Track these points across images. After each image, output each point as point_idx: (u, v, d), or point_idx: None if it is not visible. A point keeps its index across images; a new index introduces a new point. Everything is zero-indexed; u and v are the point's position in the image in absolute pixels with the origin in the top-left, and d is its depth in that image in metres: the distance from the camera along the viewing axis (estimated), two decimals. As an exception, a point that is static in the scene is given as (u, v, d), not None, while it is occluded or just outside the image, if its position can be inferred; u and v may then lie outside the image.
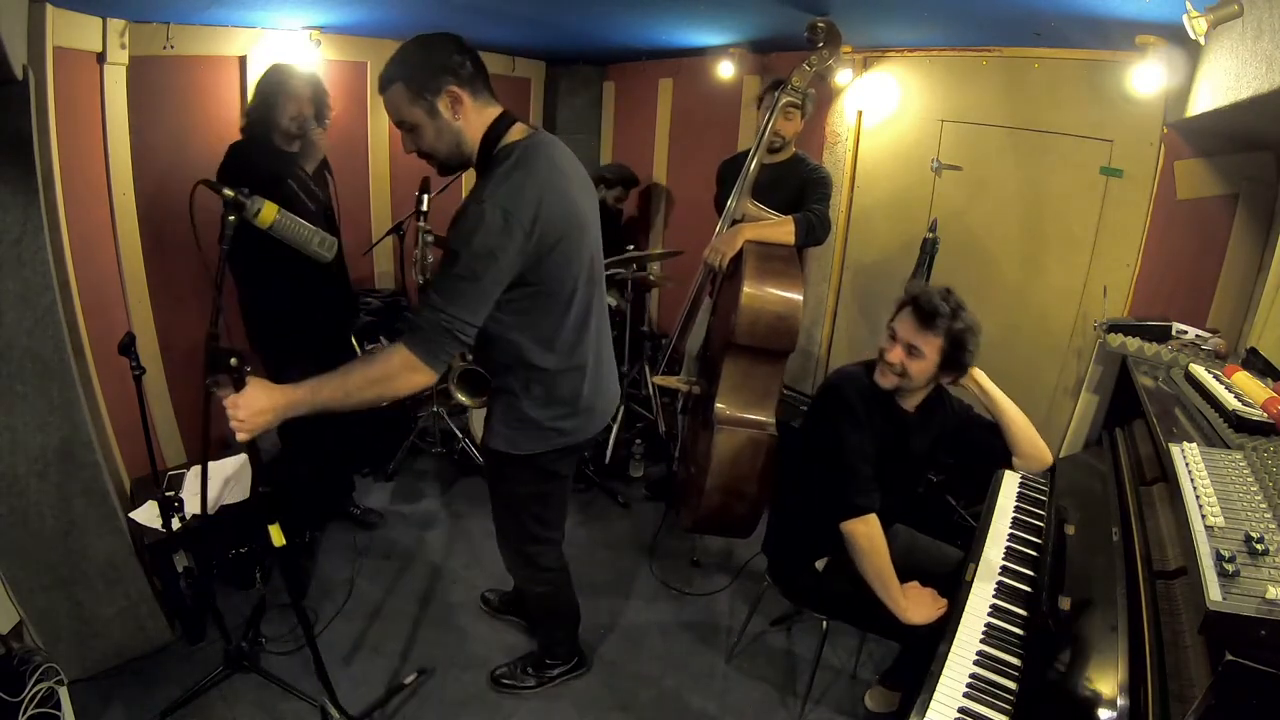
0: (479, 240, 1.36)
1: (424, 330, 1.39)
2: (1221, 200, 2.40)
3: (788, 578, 2.01)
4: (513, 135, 1.49)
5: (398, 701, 2.09)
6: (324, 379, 1.40)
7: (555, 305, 1.54)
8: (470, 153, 1.49)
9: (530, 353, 1.56)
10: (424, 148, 1.48)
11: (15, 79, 1.63)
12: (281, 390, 1.39)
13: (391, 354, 1.40)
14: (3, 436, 1.78)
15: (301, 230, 1.52)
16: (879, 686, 2.15)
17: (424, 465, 3.35)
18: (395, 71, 1.42)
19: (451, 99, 1.42)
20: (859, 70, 3.15)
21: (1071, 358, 2.73)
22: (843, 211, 3.36)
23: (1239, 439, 1.48)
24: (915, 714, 1.33)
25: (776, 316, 2.25)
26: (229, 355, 1.34)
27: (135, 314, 2.69)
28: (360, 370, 1.41)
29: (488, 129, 1.48)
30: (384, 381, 1.41)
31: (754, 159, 2.45)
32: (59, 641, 1.97)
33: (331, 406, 1.40)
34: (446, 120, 1.43)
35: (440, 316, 1.38)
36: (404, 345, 1.39)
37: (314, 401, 1.39)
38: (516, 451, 1.66)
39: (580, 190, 1.58)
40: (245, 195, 1.43)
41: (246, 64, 2.88)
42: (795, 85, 2.41)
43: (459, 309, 1.39)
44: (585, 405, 1.68)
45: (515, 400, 1.62)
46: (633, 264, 3.24)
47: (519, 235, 1.40)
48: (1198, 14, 1.38)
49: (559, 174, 1.51)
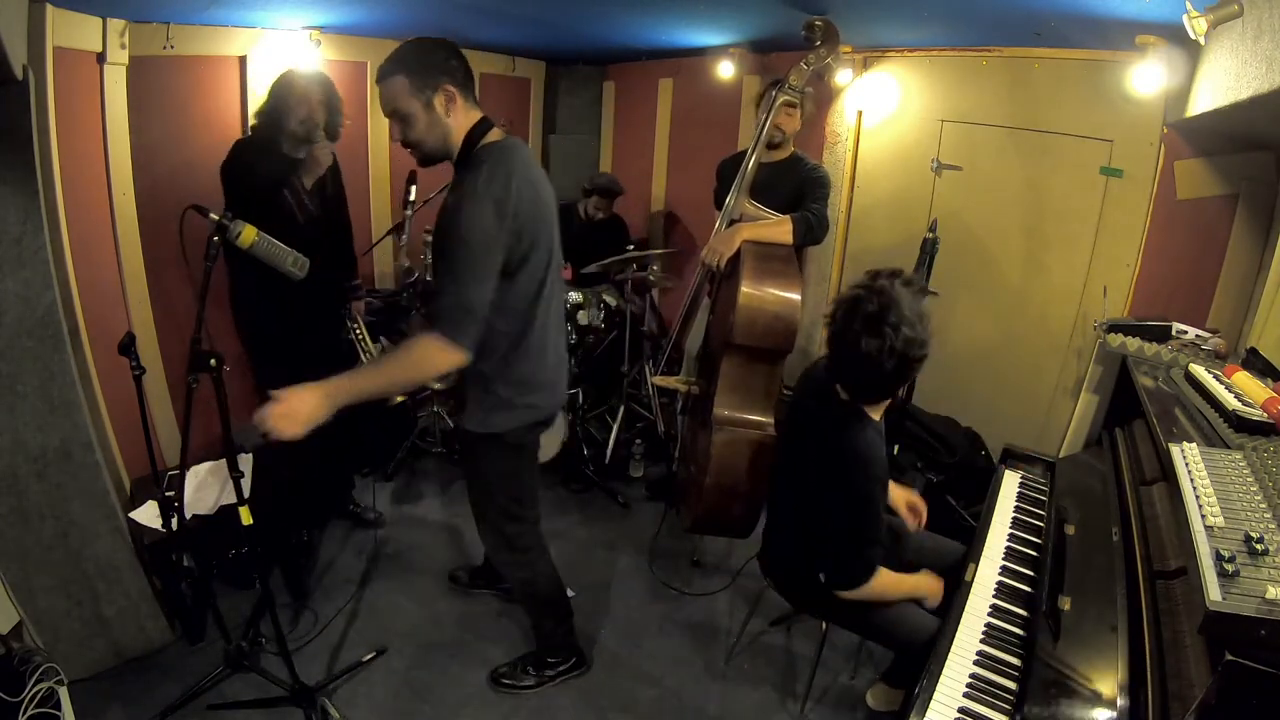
0: (479, 228, 1.51)
1: (445, 313, 1.52)
2: (1221, 200, 2.40)
3: (788, 586, 2.00)
4: (491, 137, 1.65)
5: (399, 702, 2.10)
6: (361, 372, 1.55)
7: (521, 290, 1.67)
8: (452, 149, 1.63)
9: (502, 336, 1.68)
10: (413, 138, 1.60)
11: (15, 79, 1.63)
12: (317, 387, 1.48)
13: (423, 342, 1.53)
14: (3, 436, 1.78)
15: (277, 251, 1.66)
16: (881, 684, 2.14)
17: (424, 465, 3.35)
18: (398, 65, 1.54)
19: (447, 97, 1.56)
20: (859, 70, 3.15)
21: (1071, 358, 2.73)
22: (843, 211, 3.37)
23: (1239, 439, 1.48)
24: (915, 714, 1.33)
25: (774, 316, 2.24)
26: (209, 356, 1.51)
27: (135, 314, 2.69)
28: (396, 359, 1.57)
29: (471, 129, 1.62)
30: (419, 366, 1.56)
31: (752, 159, 2.45)
32: (59, 641, 1.96)
33: (373, 396, 1.55)
34: (439, 115, 1.57)
35: (459, 298, 1.52)
36: (432, 332, 1.52)
37: (353, 391, 1.52)
38: (491, 430, 1.78)
39: (544, 187, 1.74)
40: (229, 219, 1.58)
41: (247, 64, 2.89)
42: (793, 84, 2.41)
43: (474, 289, 1.53)
44: (549, 380, 1.84)
45: (489, 382, 1.74)
46: (633, 264, 3.24)
47: (509, 218, 1.55)
48: (1198, 14, 1.38)
49: (532, 171, 1.68)
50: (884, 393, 1.65)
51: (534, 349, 1.76)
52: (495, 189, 1.53)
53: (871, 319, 1.48)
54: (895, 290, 1.49)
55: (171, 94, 2.71)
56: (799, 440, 1.87)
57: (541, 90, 4.28)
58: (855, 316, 1.50)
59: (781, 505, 1.95)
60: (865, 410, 1.64)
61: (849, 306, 1.53)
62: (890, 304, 1.47)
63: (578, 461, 3.28)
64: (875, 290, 1.50)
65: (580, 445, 3.28)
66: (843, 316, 1.54)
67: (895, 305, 1.47)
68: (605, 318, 3.38)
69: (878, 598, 1.72)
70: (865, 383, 1.60)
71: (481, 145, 1.63)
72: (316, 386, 1.47)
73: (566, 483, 3.30)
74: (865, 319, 1.49)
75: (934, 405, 3.00)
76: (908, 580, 1.76)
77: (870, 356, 1.48)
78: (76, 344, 2.04)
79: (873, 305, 1.48)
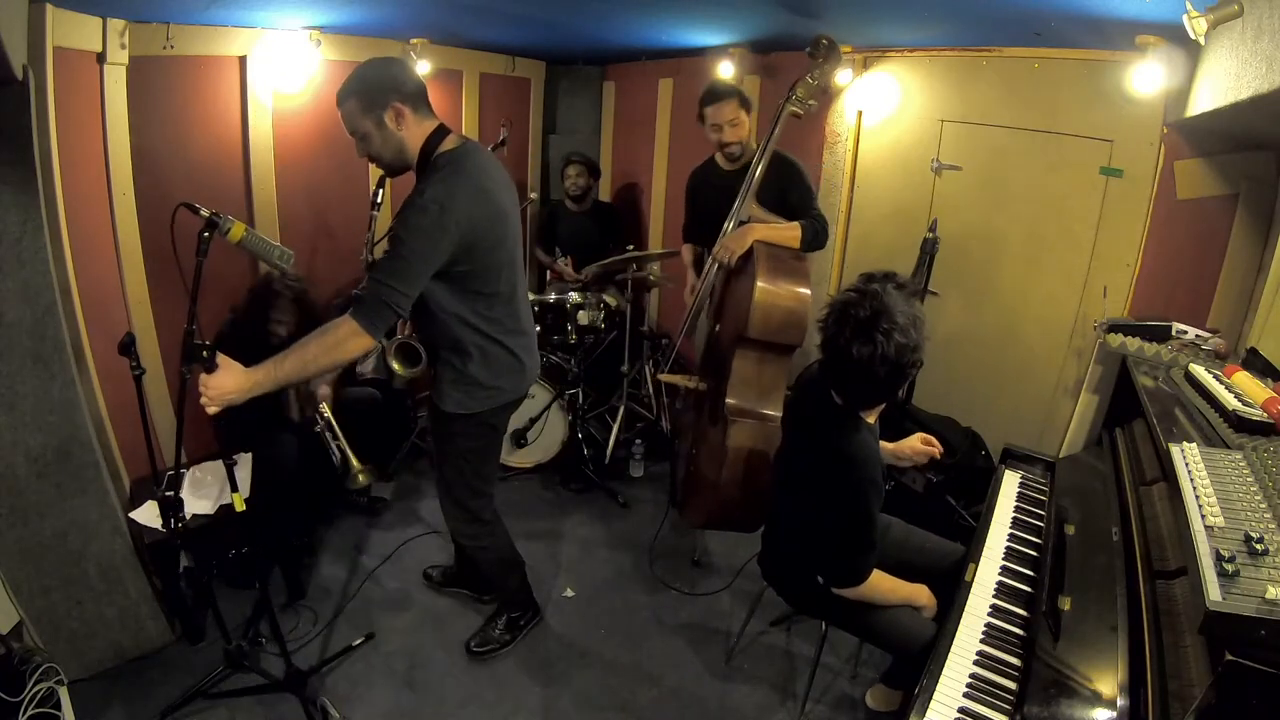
0: (417, 228, 1.64)
1: (367, 302, 1.64)
2: (1221, 200, 2.40)
3: (787, 588, 2.00)
4: (446, 145, 1.76)
5: (399, 701, 2.10)
6: (282, 356, 1.63)
7: (487, 284, 1.82)
8: (410, 158, 1.76)
9: (470, 325, 1.84)
10: (372, 153, 1.76)
11: (15, 79, 1.63)
12: (245, 371, 1.61)
13: (340, 324, 1.64)
14: (3, 436, 1.78)
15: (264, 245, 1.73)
16: (880, 685, 2.15)
17: (424, 465, 3.35)
18: (349, 91, 1.69)
19: (396, 113, 1.69)
20: (859, 70, 3.15)
21: (1071, 358, 2.73)
22: (843, 211, 3.36)
23: (1239, 439, 1.48)
24: (915, 714, 1.33)
25: (789, 311, 2.29)
26: (202, 347, 1.57)
27: (135, 314, 2.68)
28: (314, 342, 1.65)
29: (427, 139, 1.74)
30: (335, 349, 1.66)
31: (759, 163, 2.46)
32: (59, 641, 1.97)
33: (293, 378, 1.67)
34: (391, 131, 1.70)
35: (381, 290, 1.63)
36: (350, 316, 1.64)
37: (277, 376, 1.63)
38: (465, 411, 1.92)
39: (502, 188, 1.85)
40: (218, 216, 1.63)
41: (247, 64, 2.89)
42: (800, 96, 2.44)
43: (396, 282, 1.64)
44: (518, 366, 1.97)
45: (462, 366, 1.88)
46: (633, 264, 3.24)
47: (450, 226, 1.65)
48: (1198, 14, 1.38)
49: (485, 175, 1.79)
50: (877, 398, 1.64)
51: (506, 334, 1.91)
52: (440, 195, 1.65)
53: (863, 325, 1.44)
54: (888, 294, 1.46)
55: (171, 94, 2.71)
56: (795, 442, 1.87)
57: (541, 90, 4.28)
58: (846, 322, 1.47)
59: (780, 507, 1.95)
60: (860, 414, 1.63)
61: (840, 312, 1.49)
62: (882, 310, 1.43)
63: (578, 461, 3.29)
64: (867, 295, 1.47)
65: (580, 445, 3.28)
66: (834, 322, 1.51)
67: (887, 311, 1.43)
68: (605, 318, 3.38)
69: (871, 599, 1.72)
70: (858, 389, 1.58)
71: (439, 153, 1.74)
72: (241, 373, 1.60)
73: (566, 483, 3.30)
74: (856, 325, 1.45)
75: (934, 405, 3.00)
76: (904, 587, 1.75)
77: (862, 363, 1.45)
78: (76, 344, 2.04)
79: (864, 311, 1.44)
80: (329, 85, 3.21)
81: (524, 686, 2.20)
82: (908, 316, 1.46)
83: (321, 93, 3.16)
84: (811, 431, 1.72)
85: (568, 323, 3.32)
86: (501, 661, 2.28)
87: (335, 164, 3.31)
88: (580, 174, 3.87)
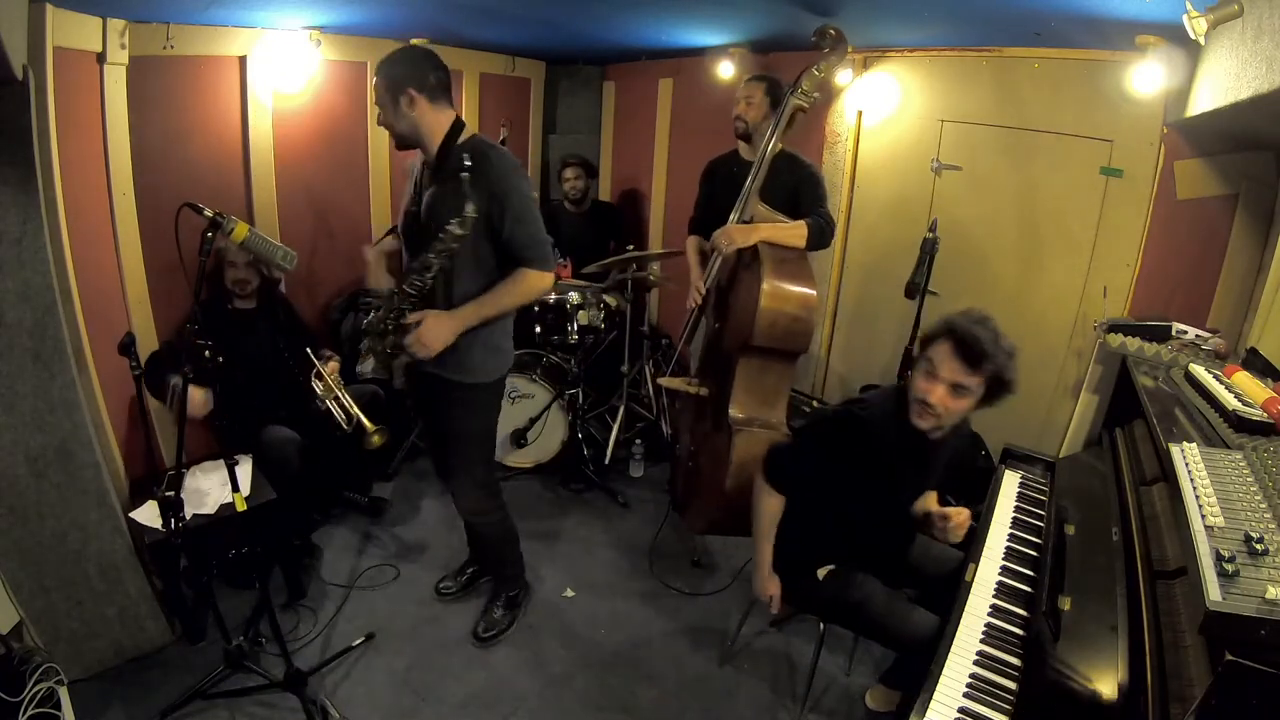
0: (526, 192, 1.92)
1: (531, 250, 1.91)
2: (1221, 200, 2.40)
3: (786, 582, 2.00)
4: (467, 134, 1.95)
5: (399, 701, 2.10)
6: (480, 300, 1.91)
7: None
8: (421, 139, 1.93)
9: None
10: (386, 122, 1.93)
11: (15, 79, 1.63)
12: (451, 315, 1.90)
13: (523, 274, 1.91)
14: (3, 436, 1.78)
15: (266, 245, 1.77)
16: (880, 686, 2.15)
17: (424, 465, 3.34)
18: (380, 69, 1.90)
19: (409, 99, 1.86)
20: (859, 70, 3.15)
21: (1071, 358, 2.73)
22: (843, 211, 3.36)
23: (1239, 439, 1.48)
24: (915, 714, 1.33)
25: (794, 318, 2.27)
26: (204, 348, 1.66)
27: (135, 314, 2.69)
28: (505, 290, 1.93)
29: (450, 128, 1.93)
30: (525, 292, 1.95)
31: (764, 158, 2.44)
32: (59, 641, 1.97)
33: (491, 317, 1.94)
34: (404, 111, 1.88)
35: (534, 237, 1.91)
36: (527, 267, 1.91)
37: (481, 313, 1.92)
38: (489, 379, 2.08)
39: None
40: (221, 216, 1.67)
41: (247, 64, 2.89)
42: (806, 89, 2.42)
43: (540, 231, 1.93)
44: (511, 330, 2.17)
45: (490, 334, 2.02)
46: (633, 264, 3.24)
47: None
48: (1198, 14, 1.38)
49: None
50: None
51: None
52: (512, 159, 1.93)
53: (985, 320, 1.61)
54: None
55: (171, 94, 2.71)
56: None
57: (541, 90, 4.28)
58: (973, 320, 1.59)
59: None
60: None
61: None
62: (998, 328, 1.59)
63: (578, 461, 3.29)
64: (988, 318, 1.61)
65: (580, 445, 3.28)
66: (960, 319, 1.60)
67: (999, 330, 1.59)
68: (605, 318, 3.38)
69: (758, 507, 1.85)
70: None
71: (462, 140, 1.92)
72: (448, 315, 1.88)
73: (566, 483, 3.30)
74: (980, 317, 1.60)
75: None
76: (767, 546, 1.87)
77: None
78: (76, 344, 2.04)
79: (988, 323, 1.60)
80: (329, 85, 3.22)
81: (524, 686, 2.20)
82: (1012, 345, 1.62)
83: (321, 93, 3.16)
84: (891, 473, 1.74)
85: (568, 323, 3.32)
86: (502, 662, 2.29)
87: (335, 164, 3.32)
88: (577, 176, 3.87)
